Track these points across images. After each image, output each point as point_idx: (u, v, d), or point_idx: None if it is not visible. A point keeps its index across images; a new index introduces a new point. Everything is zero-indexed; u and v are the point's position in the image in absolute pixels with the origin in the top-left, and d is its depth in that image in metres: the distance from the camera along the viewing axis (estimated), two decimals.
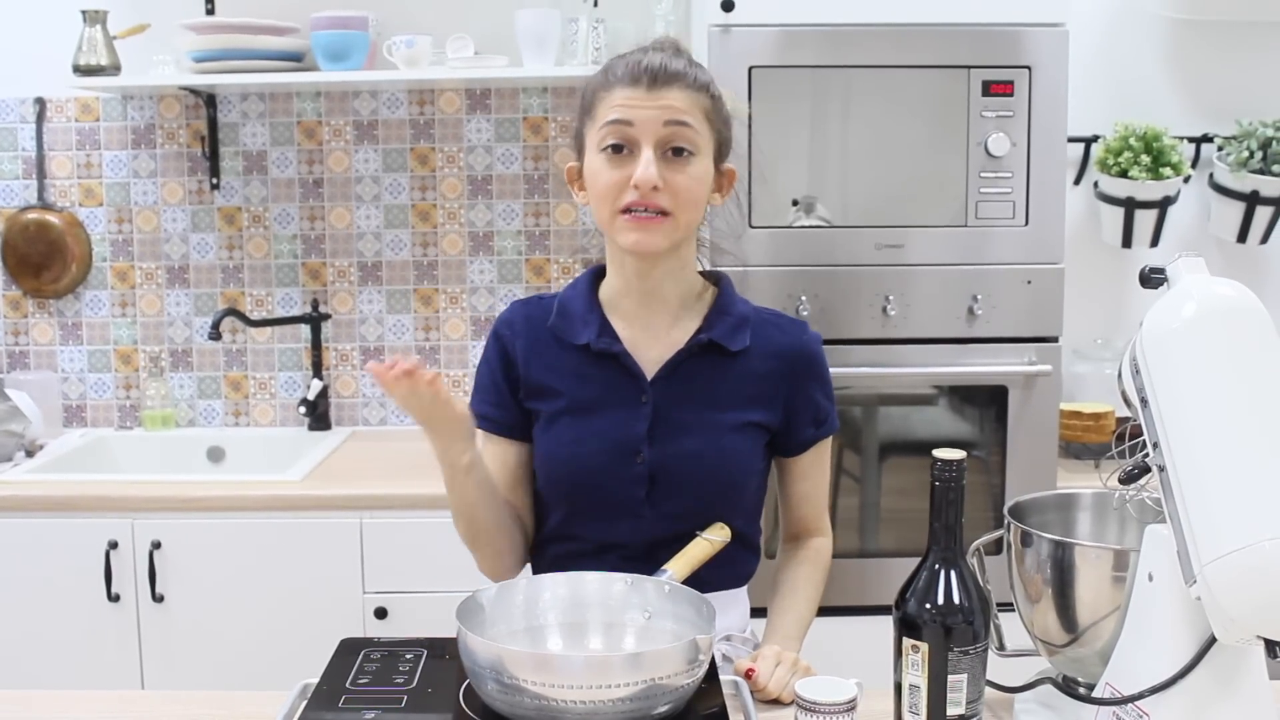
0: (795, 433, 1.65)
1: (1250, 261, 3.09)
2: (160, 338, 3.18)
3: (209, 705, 1.48)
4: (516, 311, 1.67)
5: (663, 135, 1.50)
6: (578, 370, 1.60)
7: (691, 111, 1.51)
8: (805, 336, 1.65)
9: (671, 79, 1.50)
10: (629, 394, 1.58)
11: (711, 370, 1.60)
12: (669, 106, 1.50)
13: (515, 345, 1.64)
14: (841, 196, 2.55)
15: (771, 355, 1.62)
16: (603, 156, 1.52)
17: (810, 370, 1.64)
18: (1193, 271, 1.25)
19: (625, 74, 1.52)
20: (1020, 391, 2.56)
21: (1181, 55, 3.06)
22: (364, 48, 2.88)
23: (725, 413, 1.59)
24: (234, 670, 2.57)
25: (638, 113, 1.49)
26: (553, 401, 1.61)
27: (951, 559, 1.27)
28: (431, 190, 3.13)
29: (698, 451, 1.57)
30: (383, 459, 2.87)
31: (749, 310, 1.64)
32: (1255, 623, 1.12)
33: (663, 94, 1.50)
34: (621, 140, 1.51)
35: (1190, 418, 1.18)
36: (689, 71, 1.53)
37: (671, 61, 1.52)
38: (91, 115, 3.11)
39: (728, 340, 1.59)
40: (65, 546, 2.56)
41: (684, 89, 1.51)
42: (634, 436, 1.57)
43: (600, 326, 1.60)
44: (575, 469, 1.59)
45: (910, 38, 2.49)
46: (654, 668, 1.21)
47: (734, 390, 1.60)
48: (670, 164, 1.50)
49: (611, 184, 1.51)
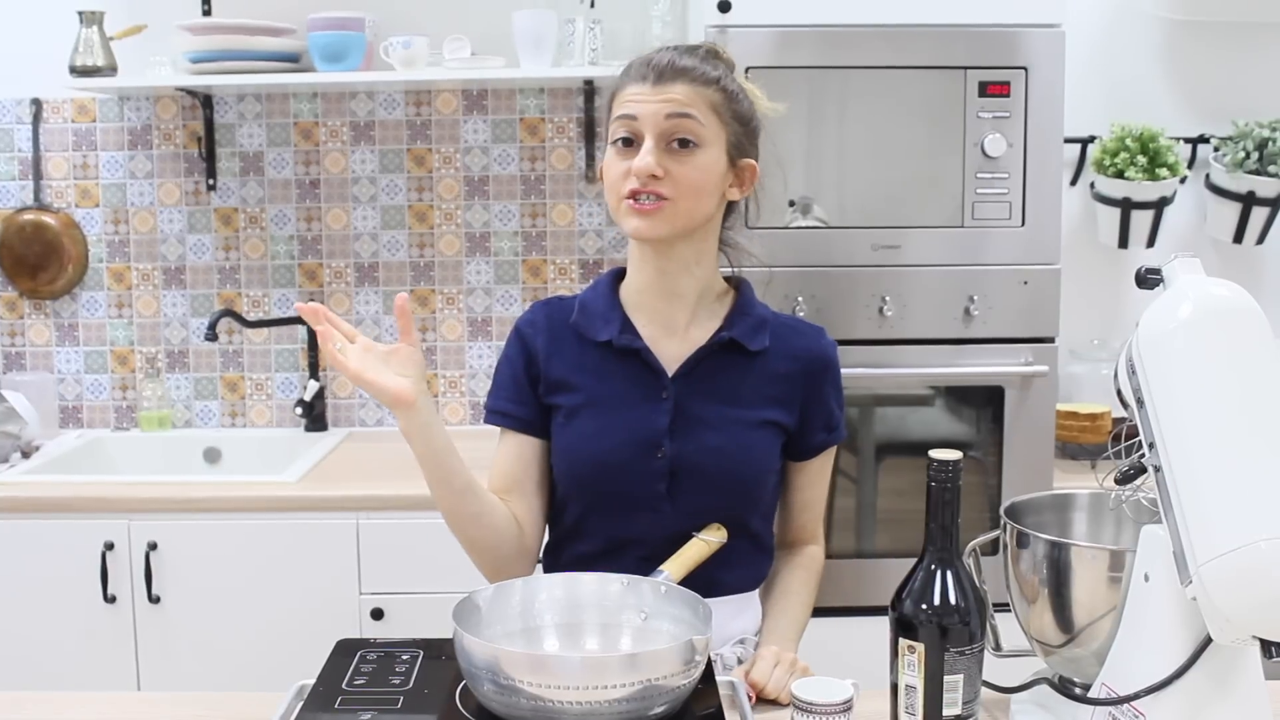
0: (808, 436, 1.66)
1: (1246, 262, 3.10)
2: (157, 339, 3.18)
3: (205, 706, 1.48)
4: (538, 310, 1.70)
5: (665, 127, 1.54)
6: (599, 367, 1.62)
7: (695, 104, 1.55)
8: (823, 341, 1.69)
9: (678, 74, 1.55)
10: (650, 390, 1.60)
11: (732, 368, 1.62)
12: (672, 100, 1.54)
13: (537, 342, 1.66)
14: (838, 197, 2.55)
15: (790, 357, 1.65)
16: (613, 149, 1.58)
17: (826, 374, 1.67)
18: (1189, 272, 1.26)
19: (636, 71, 1.58)
20: (1017, 392, 2.56)
21: (1178, 56, 3.07)
22: (361, 49, 2.88)
23: (746, 410, 1.62)
24: (230, 671, 2.57)
25: (642, 107, 1.54)
26: (574, 396, 1.62)
27: (948, 559, 1.27)
28: (428, 191, 3.13)
29: (719, 447, 1.59)
30: (379, 460, 2.86)
31: (768, 314, 1.68)
32: (1251, 623, 1.12)
33: (667, 88, 1.54)
34: (629, 133, 1.56)
35: (1186, 418, 1.18)
36: (698, 67, 1.57)
37: (681, 58, 1.57)
38: (88, 116, 3.11)
39: (748, 340, 1.62)
40: (61, 548, 2.56)
41: (689, 83, 1.55)
42: (656, 431, 1.59)
43: (622, 324, 1.63)
44: (597, 463, 1.60)
45: (906, 38, 2.49)
46: (650, 668, 1.21)
47: (754, 389, 1.62)
48: (674, 155, 1.54)
49: (618, 174, 1.56)
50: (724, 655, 1.63)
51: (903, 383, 2.58)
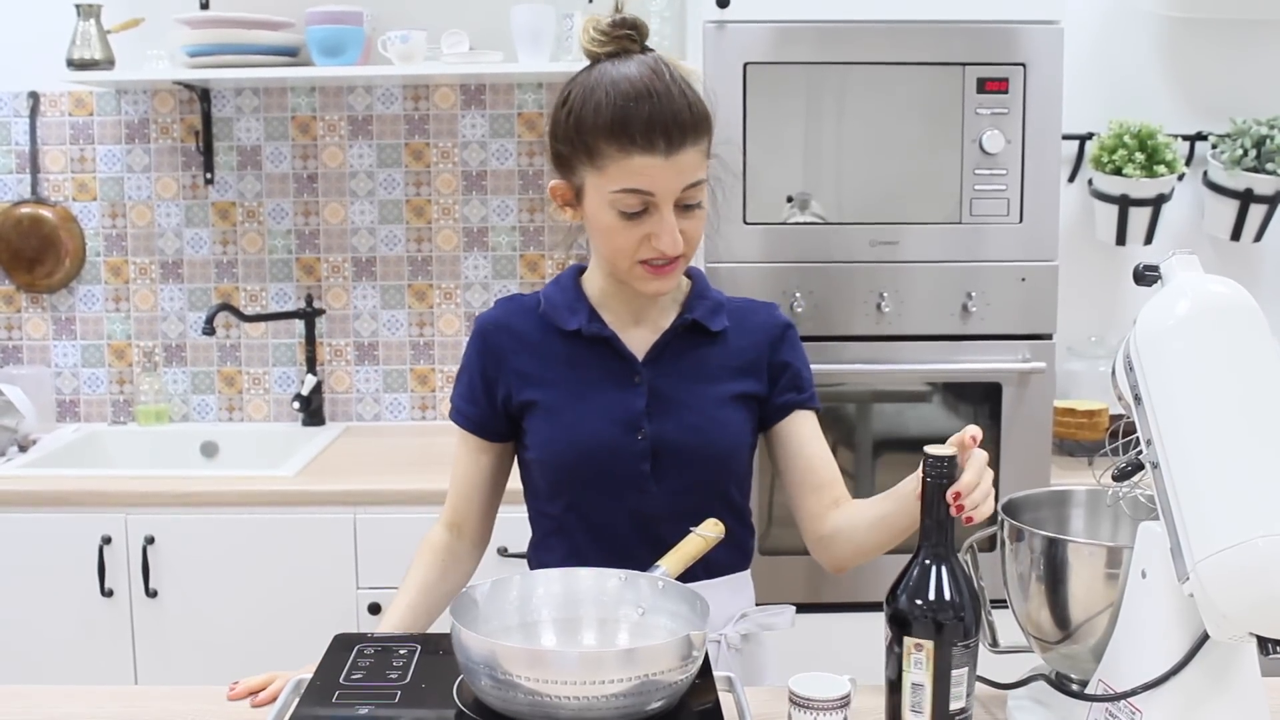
0: (775, 397, 1.67)
1: (1244, 259, 3.10)
2: (154, 333, 3.17)
3: (202, 700, 1.48)
4: (499, 308, 1.69)
5: (680, 197, 1.51)
6: (570, 357, 1.63)
7: (701, 166, 1.52)
8: (776, 313, 1.71)
9: (684, 136, 1.48)
10: (623, 376, 1.61)
11: (698, 349, 1.64)
12: (685, 169, 1.49)
13: (500, 340, 1.65)
14: (836, 193, 2.55)
15: (749, 332, 1.67)
16: (616, 214, 1.52)
17: (784, 340, 1.68)
18: (1186, 269, 1.26)
19: (640, 137, 1.48)
20: (1014, 389, 2.56)
21: (1176, 53, 3.07)
22: (359, 43, 2.88)
23: (716, 386, 1.63)
24: (227, 665, 2.55)
25: (659, 183, 1.49)
26: (547, 389, 1.62)
27: (943, 555, 1.27)
28: (426, 186, 3.13)
29: (696, 425, 1.61)
30: (376, 454, 2.86)
31: (722, 297, 1.70)
32: (1248, 620, 1.12)
33: (678, 156, 1.49)
34: (641, 206, 1.51)
35: (1183, 415, 1.18)
36: (693, 121, 1.50)
37: (680, 111, 1.49)
38: (85, 110, 3.10)
39: (709, 321, 1.64)
40: (58, 541, 2.56)
41: (695, 143, 1.50)
42: (634, 413, 1.59)
43: (589, 314, 1.63)
44: (580, 450, 1.60)
45: (905, 34, 2.49)
46: (647, 663, 1.21)
47: (721, 366, 1.64)
48: (683, 215, 1.52)
49: (632, 242, 1.52)
50: (727, 635, 1.63)
51: (900, 379, 2.58)
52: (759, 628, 1.68)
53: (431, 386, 3.19)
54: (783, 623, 1.70)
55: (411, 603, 1.63)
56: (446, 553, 1.69)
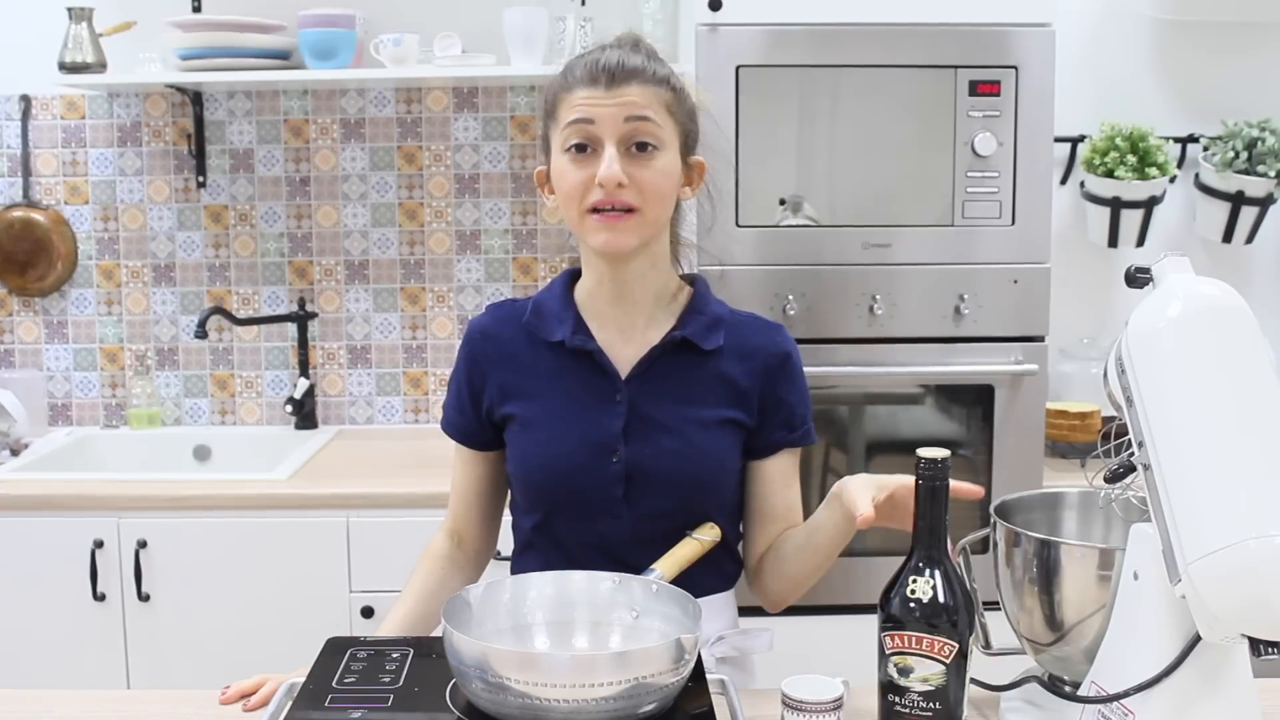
0: (765, 432, 1.62)
1: (1235, 261, 3.11)
2: (146, 336, 3.17)
3: (195, 704, 1.47)
4: (488, 316, 1.67)
5: (624, 131, 1.49)
6: (552, 369, 1.60)
7: (652, 106, 1.51)
8: (780, 338, 1.64)
9: (630, 75, 1.50)
10: (603, 393, 1.57)
11: (685, 368, 1.59)
12: (629, 102, 1.49)
13: (486, 349, 1.64)
14: (828, 196, 2.55)
15: (745, 355, 1.61)
16: (567, 157, 1.52)
17: (783, 370, 1.62)
18: (1178, 271, 1.26)
19: (584, 74, 1.51)
20: (1007, 391, 2.57)
21: (1168, 56, 3.08)
22: (351, 46, 2.88)
23: (700, 410, 1.58)
24: (220, 669, 2.54)
25: (598, 110, 1.49)
26: (527, 403, 1.60)
27: (936, 558, 1.27)
28: (418, 189, 3.13)
29: (674, 449, 1.56)
30: (369, 458, 2.86)
31: (724, 311, 1.64)
32: (1240, 621, 1.12)
33: (622, 91, 1.49)
34: (584, 139, 1.50)
35: (1175, 417, 1.18)
36: (647, 66, 1.52)
37: (629, 58, 1.51)
38: (77, 113, 3.10)
39: (701, 338, 1.58)
40: (50, 545, 2.55)
41: (643, 84, 1.50)
42: (609, 436, 1.56)
43: (575, 324, 1.60)
44: (551, 470, 1.58)
45: (897, 37, 2.49)
46: (639, 666, 1.21)
47: (708, 388, 1.59)
48: (635, 160, 1.50)
49: (577, 184, 1.51)
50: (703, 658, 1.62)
51: (893, 381, 2.58)
52: (736, 651, 1.65)
53: (424, 390, 3.19)
54: (761, 645, 1.67)
55: (409, 610, 1.62)
56: (446, 561, 1.68)
